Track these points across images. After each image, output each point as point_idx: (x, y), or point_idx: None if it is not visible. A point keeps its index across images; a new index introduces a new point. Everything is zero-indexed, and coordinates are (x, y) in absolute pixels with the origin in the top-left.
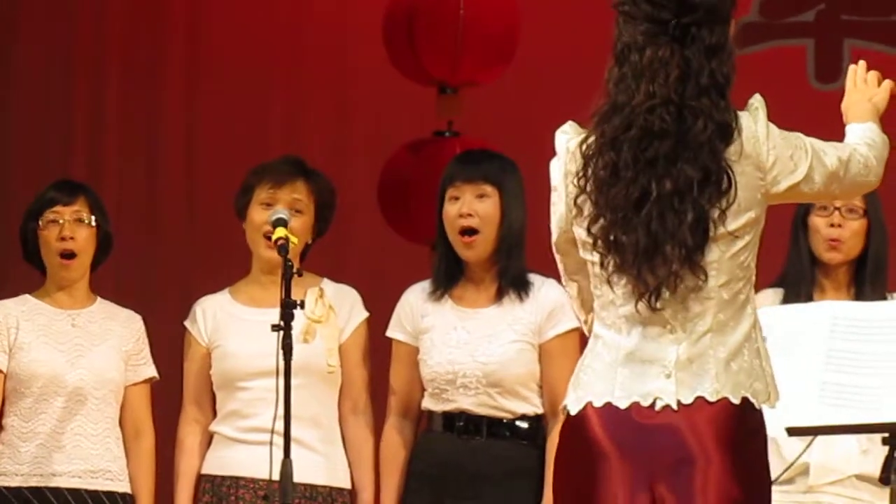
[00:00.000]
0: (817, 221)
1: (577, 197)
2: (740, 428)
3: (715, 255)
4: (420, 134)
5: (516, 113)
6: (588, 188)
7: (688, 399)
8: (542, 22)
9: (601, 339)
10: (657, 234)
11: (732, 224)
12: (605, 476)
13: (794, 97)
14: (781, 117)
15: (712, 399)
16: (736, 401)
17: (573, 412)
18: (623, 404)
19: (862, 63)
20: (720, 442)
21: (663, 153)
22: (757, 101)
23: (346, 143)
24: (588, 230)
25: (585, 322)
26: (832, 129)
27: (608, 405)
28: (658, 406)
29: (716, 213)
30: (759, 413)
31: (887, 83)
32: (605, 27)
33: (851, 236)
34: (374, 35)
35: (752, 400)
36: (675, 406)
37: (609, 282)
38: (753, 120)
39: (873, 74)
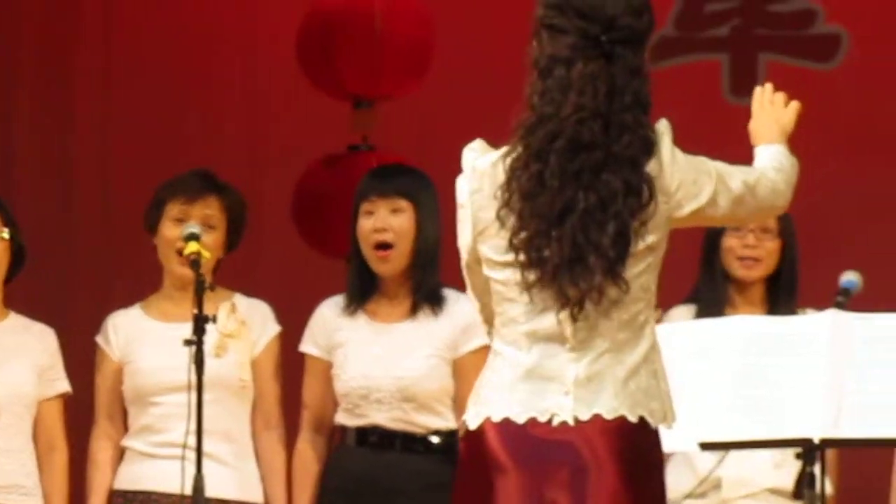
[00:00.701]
0: (731, 242)
1: (499, 209)
2: (636, 445)
3: (613, 295)
4: (335, 148)
5: (431, 127)
6: (512, 200)
7: (585, 416)
8: (456, 36)
9: (501, 356)
10: (581, 245)
11: (640, 244)
12: (503, 490)
13: (708, 111)
14: (696, 131)
15: (609, 417)
16: (633, 419)
17: (472, 427)
18: (521, 419)
19: (768, 85)
20: (615, 455)
21: (590, 165)
22: (663, 125)
23: (260, 157)
24: (510, 242)
25: (489, 335)
26: (747, 144)
27: (506, 420)
28: (555, 422)
29: (636, 226)
30: (655, 433)
31: (794, 104)
32: (519, 41)
33: (767, 256)
34: (288, 48)
35: (649, 419)
36: (571, 422)
37: (514, 299)
38: (660, 147)
39: (780, 96)
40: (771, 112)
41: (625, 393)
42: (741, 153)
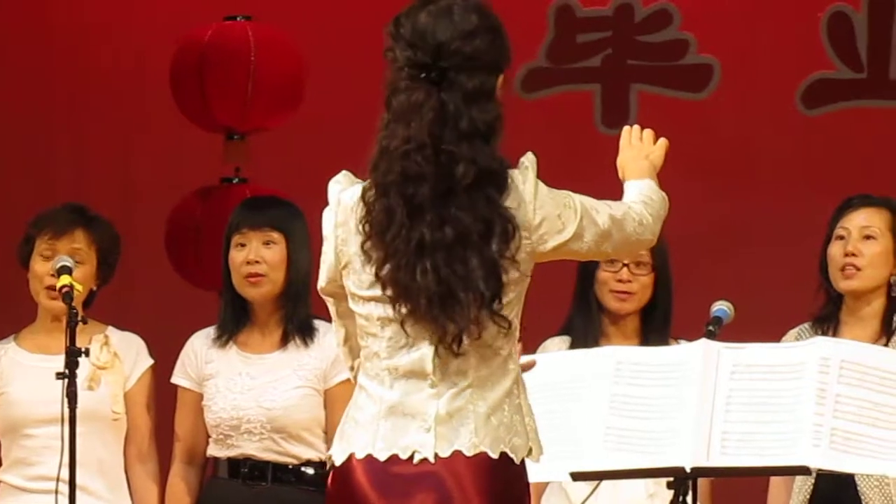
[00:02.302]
0: (605, 275)
1: (363, 243)
2: (498, 481)
3: (493, 330)
4: (207, 180)
5: (303, 160)
6: (372, 234)
7: (445, 452)
8: (327, 69)
9: (365, 391)
10: (448, 280)
11: (507, 279)
12: None
13: (581, 142)
14: (569, 162)
15: (469, 453)
16: (494, 455)
17: (338, 463)
18: (383, 456)
19: (636, 126)
20: (480, 490)
21: (426, 199)
22: (528, 160)
23: (133, 189)
24: (376, 275)
25: (352, 369)
26: (618, 174)
27: (369, 457)
28: (416, 459)
29: (506, 263)
30: (519, 467)
31: (663, 141)
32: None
33: (640, 289)
34: (161, 80)
35: (511, 455)
36: (432, 459)
37: (377, 334)
38: (522, 179)
39: (648, 133)
40: (640, 147)
41: (486, 428)
42: (614, 183)
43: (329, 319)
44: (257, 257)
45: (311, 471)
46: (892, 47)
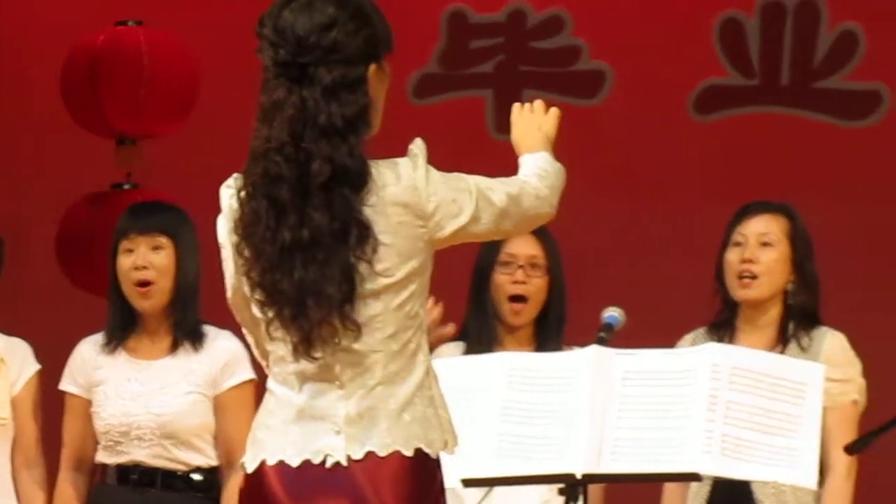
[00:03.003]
0: (500, 279)
1: (237, 244)
2: (415, 480)
3: (378, 309)
4: (99, 185)
5: (196, 165)
6: (242, 236)
7: (358, 455)
8: (220, 75)
9: (274, 396)
10: (302, 283)
11: (396, 273)
12: None
13: (473, 148)
14: (461, 168)
15: (383, 453)
16: (408, 453)
17: (250, 470)
18: (295, 462)
19: (526, 104)
20: (397, 496)
21: (287, 199)
22: (417, 146)
23: (23, 194)
24: (248, 276)
25: (268, 367)
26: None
27: (281, 463)
28: (329, 463)
29: (363, 267)
30: (435, 462)
31: (554, 111)
32: None
33: (536, 293)
34: (52, 84)
35: (427, 450)
36: (345, 462)
37: (282, 338)
38: (413, 166)
39: (539, 103)
40: (532, 119)
41: (399, 426)
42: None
43: (217, 325)
44: (145, 262)
45: (199, 477)
46: (784, 54)
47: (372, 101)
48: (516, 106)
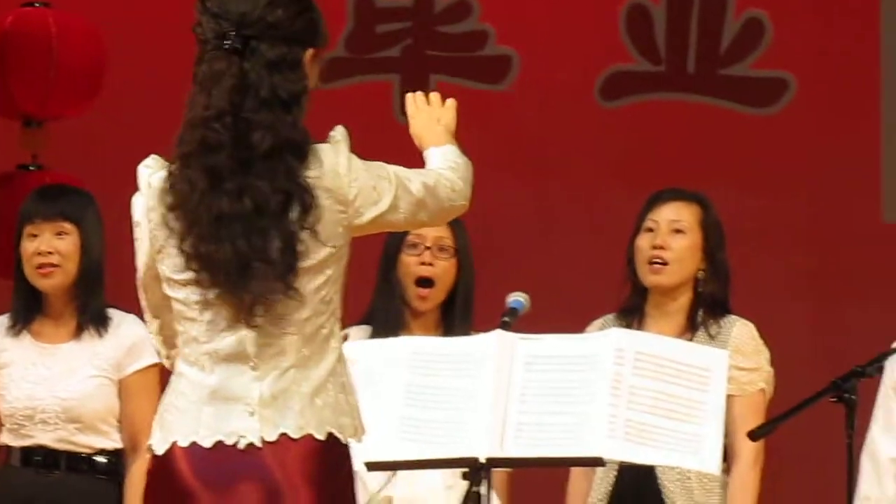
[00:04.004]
0: (408, 260)
1: (167, 216)
2: (326, 464)
3: (301, 284)
4: (4, 167)
5: (102, 147)
6: (175, 206)
7: (271, 436)
8: (128, 57)
9: (184, 377)
10: (243, 251)
11: (314, 257)
12: None
13: (380, 132)
14: (368, 152)
15: (296, 436)
16: (321, 437)
17: (159, 452)
18: (208, 443)
19: (418, 93)
20: (306, 478)
21: (226, 167)
22: (339, 133)
23: None
24: (180, 249)
25: (168, 357)
26: (418, 164)
27: (194, 444)
28: (242, 444)
29: (305, 236)
30: (345, 448)
31: (451, 102)
32: (189, 63)
33: (443, 275)
34: None
35: (338, 435)
36: (259, 444)
37: (195, 318)
38: (335, 152)
39: (435, 96)
40: (430, 111)
41: (312, 410)
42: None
43: (123, 308)
44: (49, 248)
45: (103, 460)
46: (691, 40)
47: (307, 86)
48: (409, 98)
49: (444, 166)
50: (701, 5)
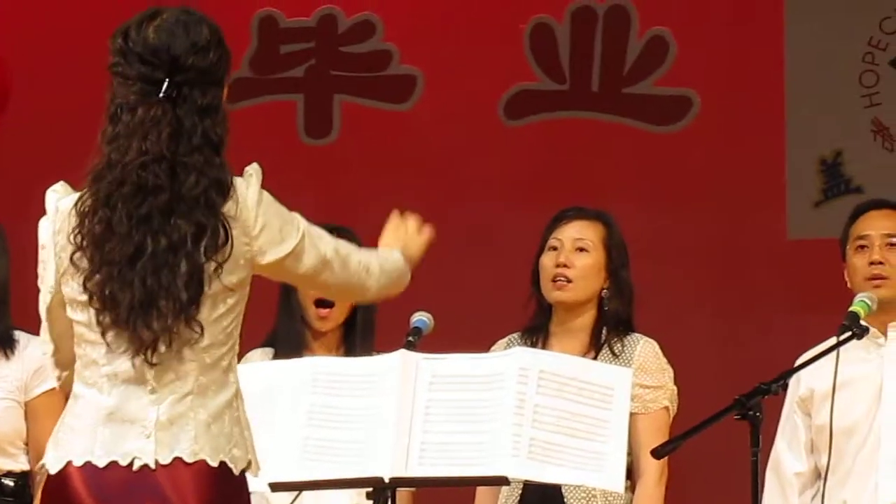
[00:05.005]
0: None
1: (73, 254)
2: (219, 490)
3: (188, 336)
4: None
5: (7, 172)
6: (84, 244)
7: (166, 459)
8: (34, 79)
9: (82, 399)
10: (152, 288)
11: (217, 286)
12: None
13: (284, 152)
14: (273, 172)
15: (190, 460)
16: (214, 463)
17: (53, 471)
18: (102, 463)
19: (409, 217)
20: (200, 501)
21: (158, 208)
22: (253, 169)
23: None
24: (84, 286)
25: (59, 379)
26: (324, 183)
27: (88, 464)
28: (136, 465)
29: (212, 267)
30: (239, 478)
31: (424, 236)
32: (100, 87)
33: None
34: None
35: (231, 465)
36: (153, 465)
37: (96, 341)
38: (246, 185)
39: (414, 223)
40: (402, 235)
41: (207, 436)
42: (318, 191)
43: (28, 331)
44: None
45: (10, 483)
46: (595, 59)
47: (228, 124)
48: (395, 214)
49: (376, 255)
50: (605, 24)
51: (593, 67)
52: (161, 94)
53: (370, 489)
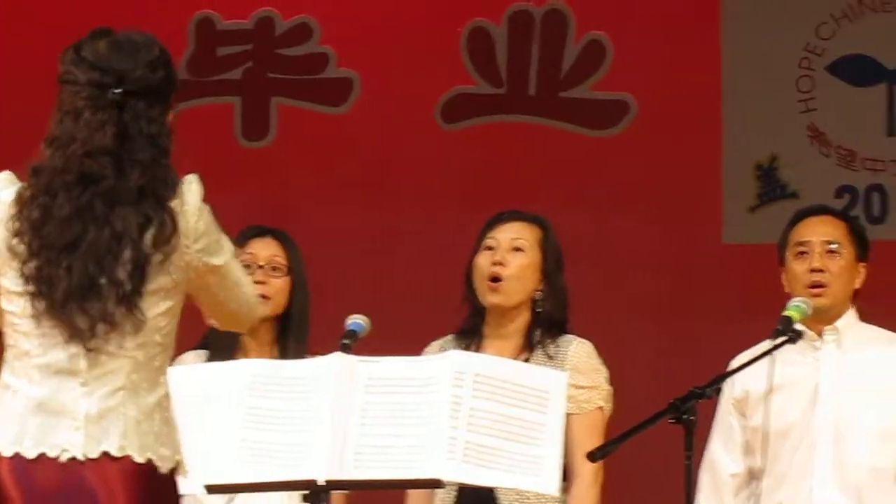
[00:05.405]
0: None
1: (10, 240)
2: (146, 487)
3: (128, 324)
4: None
5: None
6: (21, 230)
7: (94, 453)
8: None
9: (11, 389)
10: (92, 273)
11: (159, 283)
12: None
13: (222, 154)
14: (210, 174)
15: (117, 454)
16: (140, 460)
17: None
18: (31, 454)
19: None
20: (127, 497)
21: (101, 196)
22: (193, 178)
23: None
24: (21, 272)
25: None
26: (260, 185)
27: (17, 455)
28: (64, 458)
29: (158, 259)
30: (167, 477)
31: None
32: (45, 88)
33: (276, 293)
34: None
35: (158, 463)
36: (81, 458)
37: (29, 332)
38: (189, 192)
39: None
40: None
41: (136, 433)
42: (255, 193)
43: None
44: None
45: None
46: (532, 62)
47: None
48: None
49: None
50: (542, 28)
51: (530, 71)
52: (109, 97)
53: (305, 492)
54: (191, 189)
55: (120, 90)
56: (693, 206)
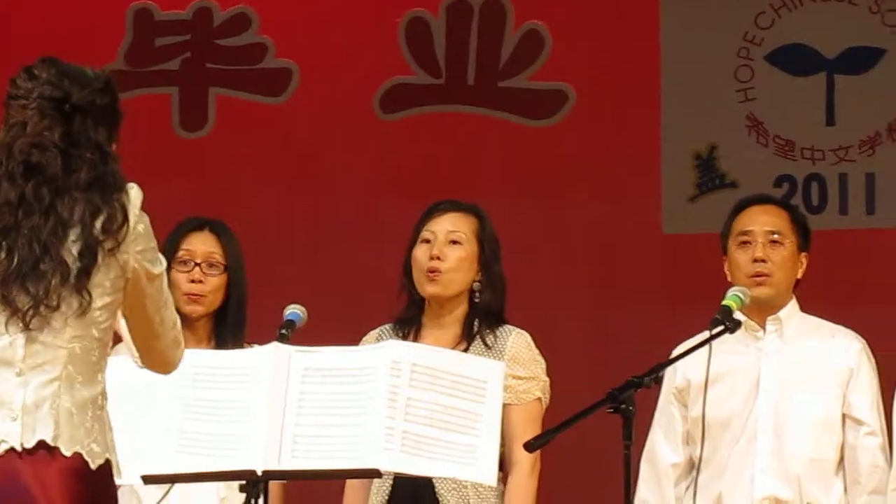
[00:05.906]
0: (178, 277)
1: None
2: (80, 483)
3: (74, 305)
4: None
5: None
6: None
7: (30, 442)
8: None
9: None
10: (36, 254)
11: (106, 274)
12: None
13: (159, 145)
14: (147, 166)
15: (52, 444)
16: (67, 453)
17: None
18: None
19: None
20: (64, 494)
21: (48, 185)
22: (134, 185)
23: None
24: None
25: None
26: (198, 175)
27: None
28: (2, 449)
29: (108, 245)
30: (98, 474)
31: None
32: None
33: (212, 291)
34: None
35: (86, 458)
36: (18, 448)
37: None
38: (132, 195)
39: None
40: None
41: (68, 425)
42: (190, 184)
43: None
44: None
45: None
46: (470, 53)
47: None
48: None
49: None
50: (480, 18)
51: (469, 61)
52: (59, 110)
53: (243, 482)
54: (133, 193)
55: (69, 104)
56: (632, 196)
